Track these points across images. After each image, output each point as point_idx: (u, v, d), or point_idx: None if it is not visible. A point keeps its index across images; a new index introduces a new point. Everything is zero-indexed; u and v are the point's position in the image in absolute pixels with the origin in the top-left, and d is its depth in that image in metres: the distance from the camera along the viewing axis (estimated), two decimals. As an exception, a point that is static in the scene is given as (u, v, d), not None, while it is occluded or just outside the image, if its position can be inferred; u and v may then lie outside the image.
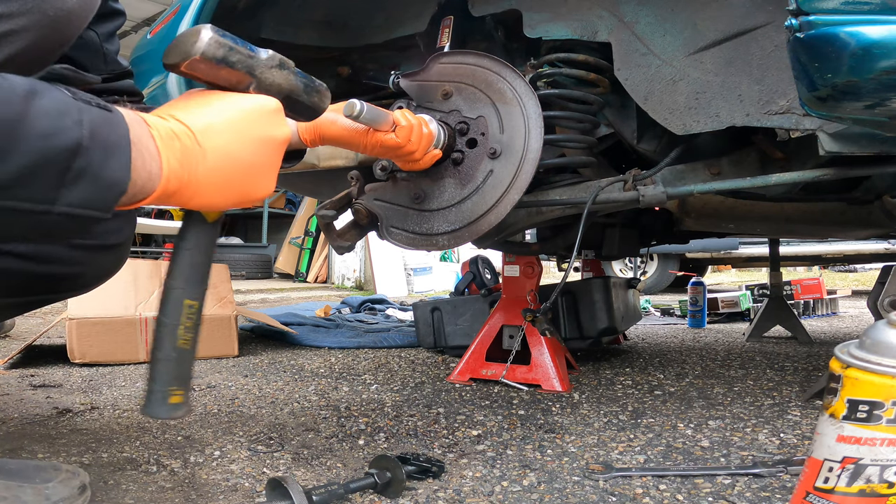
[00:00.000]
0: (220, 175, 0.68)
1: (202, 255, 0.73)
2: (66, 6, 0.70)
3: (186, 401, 0.72)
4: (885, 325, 0.73)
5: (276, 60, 0.74)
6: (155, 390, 0.70)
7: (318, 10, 1.62)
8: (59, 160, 0.55)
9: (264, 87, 0.73)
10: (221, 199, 0.70)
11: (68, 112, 0.57)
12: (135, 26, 7.61)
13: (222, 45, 0.67)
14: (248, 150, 0.70)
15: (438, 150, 1.16)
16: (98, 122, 0.58)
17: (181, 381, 0.71)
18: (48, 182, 0.56)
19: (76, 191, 0.57)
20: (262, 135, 0.72)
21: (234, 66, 0.69)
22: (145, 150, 0.62)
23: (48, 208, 0.57)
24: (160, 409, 0.70)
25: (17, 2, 0.65)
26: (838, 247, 6.32)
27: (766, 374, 2.04)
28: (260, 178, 0.73)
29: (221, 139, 0.68)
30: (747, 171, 1.40)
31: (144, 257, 6.51)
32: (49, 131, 0.55)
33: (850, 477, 0.72)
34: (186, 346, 0.71)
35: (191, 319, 0.71)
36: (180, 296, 0.70)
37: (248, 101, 0.71)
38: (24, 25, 0.66)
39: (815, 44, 0.81)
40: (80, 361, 2.19)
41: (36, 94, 0.56)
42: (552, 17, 1.37)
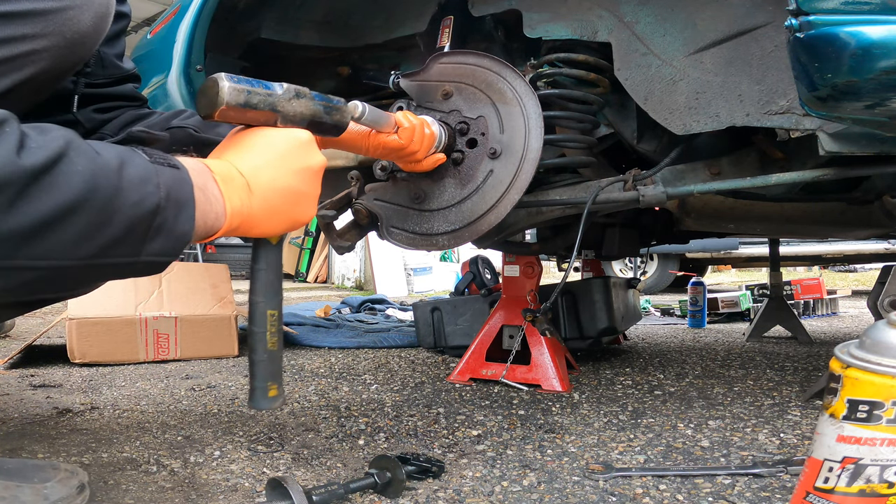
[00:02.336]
0: (272, 205, 0.78)
1: (273, 273, 0.84)
2: (81, 29, 0.74)
3: (281, 392, 0.86)
4: (885, 325, 0.73)
5: (292, 92, 0.81)
6: (256, 387, 0.83)
7: (318, 10, 1.62)
8: (144, 222, 0.65)
9: (289, 119, 0.81)
10: (275, 226, 0.80)
11: (149, 178, 0.65)
12: (135, 26, 7.61)
13: (241, 91, 0.75)
14: (292, 182, 0.79)
15: (442, 154, 1.16)
16: (170, 182, 0.67)
17: (275, 377, 0.84)
18: (136, 240, 0.65)
19: (155, 244, 0.67)
20: (301, 166, 0.80)
21: (258, 107, 0.77)
22: (211, 194, 0.72)
23: (135, 260, 0.67)
24: (263, 402, 0.83)
25: (39, 24, 0.69)
26: (838, 247, 6.32)
27: (766, 374, 2.04)
28: (305, 205, 0.82)
29: (268, 175, 0.77)
30: (747, 171, 1.40)
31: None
32: (137, 200, 0.64)
33: (850, 477, 0.72)
34: (274, 347, 0.84)
35: (274, 326, 0.83)
36: (263, 308, 0.83)
37: (283, 138, 0.80)
38: (45, 46, 0.71)
39: (815, 44, 0.81)
40: (80, 361, 2.19)
41: (125, 164, 0.64)
42: (552, 17, 1.37)
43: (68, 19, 0.71)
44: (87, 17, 0.73)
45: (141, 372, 2.11)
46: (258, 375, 0.83)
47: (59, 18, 0.70)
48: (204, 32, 1.48)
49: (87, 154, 0.62)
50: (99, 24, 0.76)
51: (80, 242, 0.61)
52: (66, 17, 0.71)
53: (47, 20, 0.69)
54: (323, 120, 0.85)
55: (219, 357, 2.40)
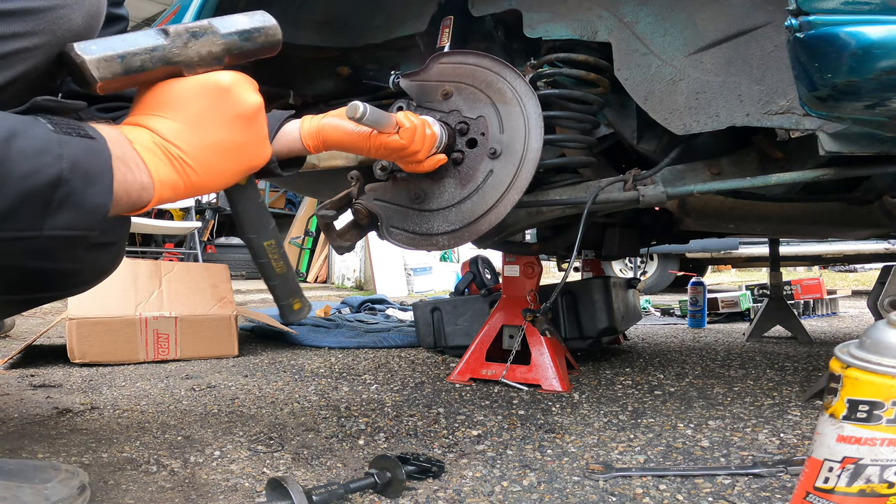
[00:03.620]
0: (210, 164, 0.73)
1: (255, 209, 0.86)
2: (72, 27, 0.73)
3: (305, 303, 0.93)
4: (885, 325, 0.73)
5: (184, 35, 0.71)
6: (282, 305, 0.91)
7: (319, 10, 1.62)
8: (40, 194, 0.61)
9: (196, 64, 0.73)
10: (225, 180, 0.77)
11: (48, 149, 0.62)
12: (135, 26, 7.62)
13: (110, 59, 0.67)
14: (222, 134, 0.74)
15: (443, 155, 1.16)
16: (79, 153, 0.64)
17: (294, 293, 0.91)
18: (32, 213, 0.62)
19: (60, 217, 0.63)
20: (227, 115, 0.74)
21: (145, 68, 0.69)
22: (133, 164, 0.68)
23: (37, 234, 0.63)
24: (292, 315, 0.91)
25: (31, 22, 0.69)
26: (838, 247, 6.32)
27: (766, 374, 2.04)
28: (250, 151, 0.78)
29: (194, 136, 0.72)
30: (747, 171, 1.40)
31: (144, 257, 6.51)
32: (29, 171, 0.60)
33: (850, 477, 0.72)
34: (283, 270, 0.90)
35: (276, 253, 0.88)
36: (259, 241, 0.87)
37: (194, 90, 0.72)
38: (36, 44, 0.70)
39: (815, 44, 0.81)
40: (80, 361, 2.19)
41: (15, 135, 0.60)
42: (552, 17, 1.37)
43: (59, 17, 0.71)
44: (78, 16, 0.73)
45: (141, 372, 2.11)
46: (280, 296, 0.90)
47: (51, 17, 0.70)
48: (204, 32, 1.48)
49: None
50: (90, 22, 0.76)
51: None
52: (58, 16, 0.71)
53: (38, 18, 0.69)
54: (245, 48, 0.76)
55: (219, 357, 2.40)
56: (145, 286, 2.40)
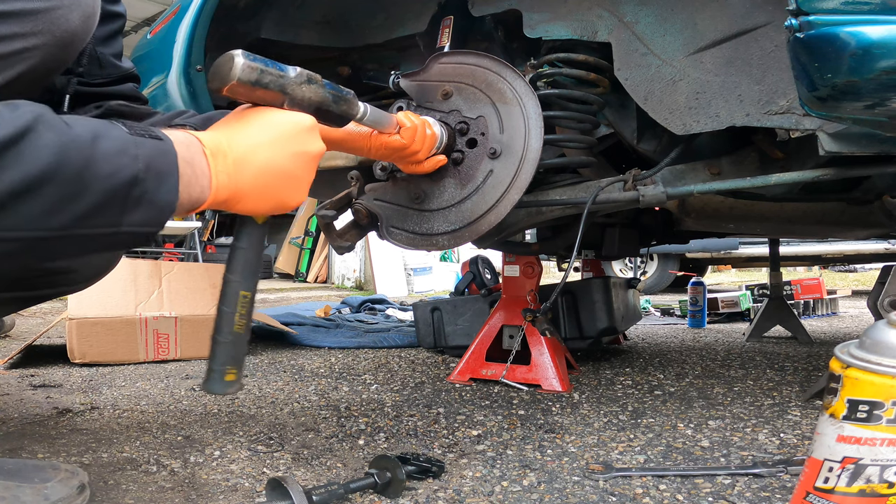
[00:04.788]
0: (262, 184, 0.78)
1: (253, 253, 0.84)
2: (70, 27, 0.75)
3: (239, 379, 0.82)
4: (885, 325, 0.73)
5: (304, 77, 0.82)
6: (214, 369, 0.80)
7: (319, 10, 1.62)
8: (121, 193, 0.66)
9: (297, 102, 0.81)
10: (262, 205, 0.80)
11: (126, 150, 0.67)
12: (135, 26, 7.62)
13: (254, 69, 0.76)
14: (286, 164, 0.80)
15: (443, 156, 1.16)
16: (151, 153, 0.68)
17: (236, 361, 0.82)
18: (113, 211, 0.67)
19: (136, 214, 0.68)
20: (297, 150, 0.81)
21: (268, 86, 0.78)
22: (198, 167, 0.73)
23: (116, 230, 0.68)
24: (217, 385, 0.80)
25: (29, 22, 0.71)
26: (838, 247, 6.31)
27: (766, 374, 2.04)
28: (296, 188, 0.83)
29: (263, 154, 0.78)
30: (747, 171, 1.40)
31: (144, 257, 6.51)
32: (112, 171, 0.65)
33: (850, 477, 0.72)
34: (241, 330, 0.82)
35: (245, 307, 0.82)
36: (237, 288, 0.82)
37: (285, 119, 0.80)
38: (35, 44, 0.72)
39: (815, 44, 0.81)
40: (80, 361, 2.19)
41: (98, 137, 0.65)
42: (552, 17, 1.37)
43: (57, 18, 0.72)
44: (76, 16, 0.75)
45: (141, 372, 2.11)
46: (218, 357, 0.80)
47: (49, 17, 0.72)
48: (204, 32, 1.48)
49: (56, 127, 0.63)
50: (86, 22, 0.77)
51: (52, 213, 0.63)
52: (55, 16, 0.72)
53: (36, 19, 0.71)
54: (330, 108, 0.86)
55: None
56: (145, 286, 2.40)
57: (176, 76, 1.53)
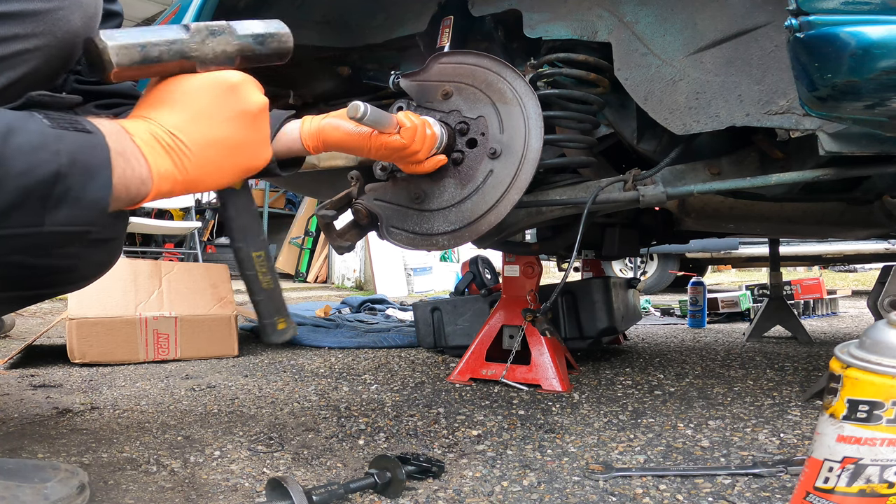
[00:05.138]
0: (211, 160, 0.73)
1: (247, 216, 0.83)
2: (72, 28, 0.74)
3: (290, 324, 0.86)
4: (885, 325, 0.73)
5: (203, 32, 0.74)
6: (265, 324, 0.85)
7: (319, 10, 1.62)
8: (38, 191, 0.61)
9: (209, 61, 0.74)
10: (223, 179, 0.76)
11: (44, 145, 0.62)
12: (134, 26, 7.60)
13: (131, 47, 0.69)
14: (226, 131, 0.74)
15: (443, 156, 1.16)
16: (76, 147, 0.63)
17: (279, 311, 0.85)
18: (32, 210, 0.62)
19: (60, 213, 0.63)
20: (232, 112, 0.75)
21: (161, 59, 0.71)
22: (132, 158, 0.68)
23: (37, 230, 0.63)
24: (275, 335, 0.85)
25: (31, 24, 0.69)
26: (838, 247, 6.32)
27: (766, 374, 2.04)
28: (251, 151, 0.77)
29: (196, 130, 0.72)
30: (747, 171, 1.40)
31: (144, 257, 6.51)
32: (25, 168, 0.60)
33: (850, 477, 0.72)
34: (270, 285, 0.84)
35: (264, 266, 0.83)
36: (247, 251, 0.83)
37: (203, 85, 0.74)
38: (37, 45, 0.71)
39: (815, 44, 0.81)
40: (80, 361, 2.19)
41: (11, 132, 0.60)
42: (552, 17, 1.37)
43: (59, 19, 0.72)
44: (77, 17, 0.74)
45: (141, 372, 2.11)
46: (263, 313, 0.84)
47: (50, 18, 0.71)
48: (204, 32, 1.48)
49: None
50: (88, 23, 0.77)
51: None
52: (57, 17, 0.72)
53: (38, 20, 0.70)
54: (257, 51, 0.78)
55: (219, 357, 2.40)
56: (145, 286, 2.40)
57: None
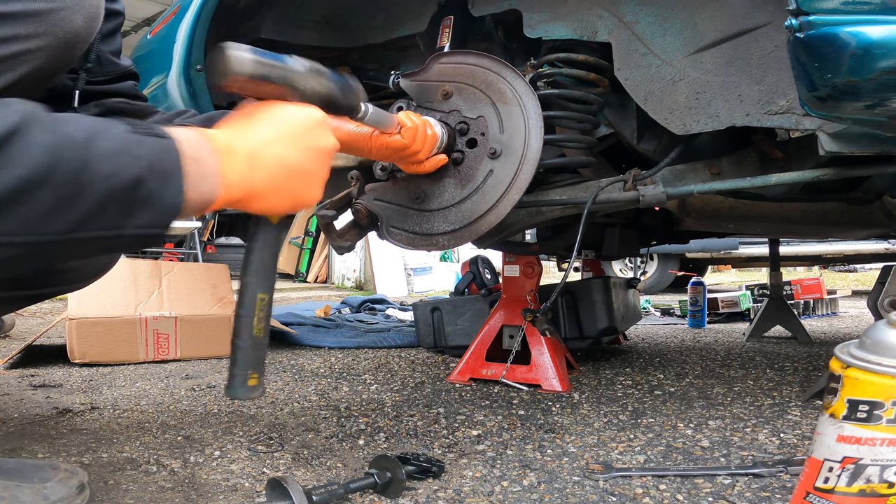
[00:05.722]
0: (276, 182, 0.76)
1: (269, 254, 0.81)
2: (74, 28, 0.74)
3: (261, 383, 0.81)
4: (885, 325, 0.73)
5: (310, 68, 0.80)
6: (236, 374, 0.79)
7: (318, 10, 1.62)
8: (123, 194, 0.63)
9: (304, 96, 0.79)
10: (277, 203, 0.78)
11: (127, 149, 0.64)
12: (135, 26, 7.61)
13: (256, 62, 0.73)
14: (300, 159, 0.77)
15: (444, 156, 1.16)
16: (154, 152, 0.66)
17: (257, 365, 0.80)
18: (116, 213, 0.64)
19: (141, 217, 0.65)
20: (310, 144, 0.78)
21: (274, 81, 0.75)
22: (206, 165, 0.70)
23: (119, 233, 0.65)
24: (241, 391, 0.79)
25: (32, 24, 0.70)
26: (838, 247, 6.32)
27: (766, 374, 2.04)
28: (311, 184, 0.80)
29: (275, 150, 0.75)
30: (747, 171, 1.40)
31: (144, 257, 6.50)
32: (111, 172, 0.62)
33: (850, 477, 0.72)
34: (260, 334, 0.80)
35: (262, 311, 0.80)
36: (254, 290, 0.80)
37: (295, 114, 0.78)
38: (38, 45, 0.71)
39: (815, 44, 0.81)
40: (80, 361, 2.19)
41: (95, 137, 0.62)
42: (552, 17, 1.37)
43: (61, 19, 0.72)
44: (79, 17, 0.74)
45: (141, 372, 2.11)
46: (239, 362, 0.79)
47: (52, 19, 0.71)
48: (204, 32, 1.48)
49: (48, 127, 0.61)
50: (90, 23, 0.77)
51: (50, 216, 0.60)
52: (59, 18, 0.72)
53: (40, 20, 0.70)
54: (338, 100, 0.83)
55: (219, 357, 2.40)
56: (145, 286, 2.40)
57: (176, 76, 1.53)
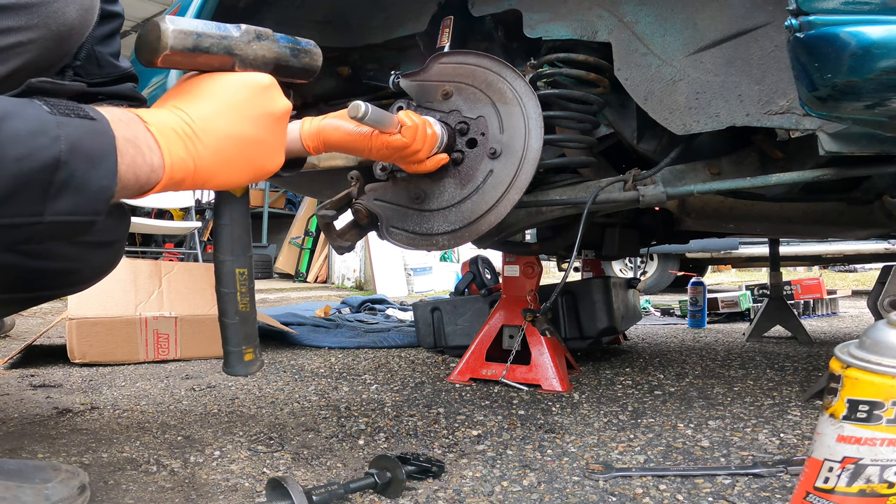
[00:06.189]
0: (227, 156, 0.72)
1: (239, 228, 0.79)
2: (67, 21, 0.73)
3: (258, 356, 0.79)
4: (885, 325, 0.73)
5: (251, 34, 0.76)
6: (230, 351, 0.78)
7: (319, 10, 1.62)
8: (38, 178, 0.59)
9: (248, 62, 0.76)
10: (235, 177, 0.75)
11: (44, 130, 0.59)
12: (135, 26, 7.61)
13: (188, 33, 0.70)
14: (249, 128, 0.74)
15: (444, 154, 1.16)
16: (78, 133, 0.61)
17: (249, 340, 0.79)
18: (31, 198, 0.59)
19: (62, 202, 0.61)
20: (259, 111, 0.75)
21: (210, 50, 0.72)
22: (144, 145, 0.66)
23: (38, 220, 0.60)
24: (239, 367, 0.78)
25: (25, 16, 0.69)
26: (838, 247, 6.32)
27: (766, 374, 2.04)
28: (267, 153, 0.77)
29: (220, 122, 0.72)
30: (747, 171, 1.40)
31: (144, 257, 6.51)
32: (23, 154, 0.58)
33: (850, 477, 0.72)
34: (246, 308, 0.78)
35: (244, 286, 0.78)
36: (231, 266, 0.78)
37: (239, 82, 0.75)
38: (31, 38, 0.70)
39: (815, 44, 0.81)
40: (80, 361, 2.19)
41: (7, 117, 0.58)
42: (552, 17, 1.37)
43: (54, 12, 0.71)
44: (73, 10, 0.73)
45: (141, 372, 2.11)
46: (231, 339, 0.77)
47: (45, 11, 0.70)
48: (204, 32, 1.48)
49: None
50: (84, 16, 0.76)
51: None
52: (52, 10, 0.71)
53: (32, 13, 0.69)
54: (290, 63, 0.79)
55: (219, 357, 2.39)
56: (145, 286, 2.40)
57: (176, 76, 1.53)
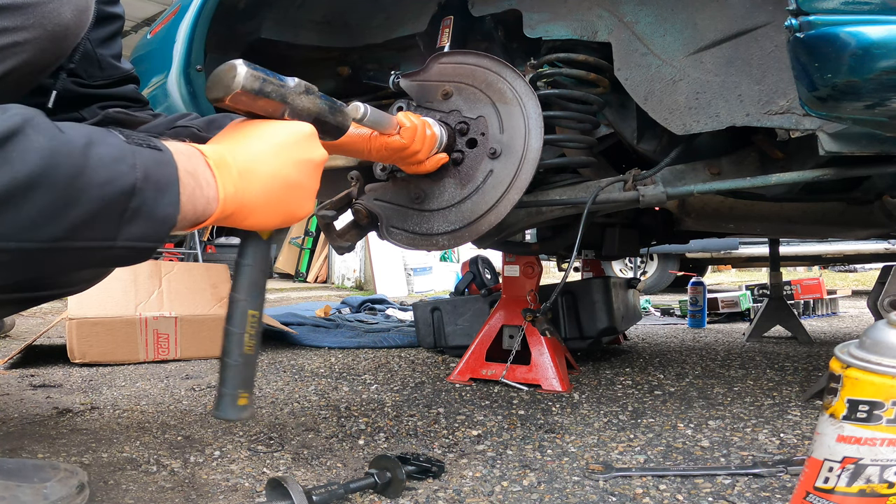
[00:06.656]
0: (269, 196, 0.76)
1: (259, 270, 0.81)
2: (63, 21, 0.74)
3: (251, 402, 0.78)
4: (885, 325, 0.73)
5: (302, 87, 0.81)
6: (225, 394, 0.76)
7: (319, 10, 1.62)
8: (117, 203, 0.62)
9: (296, 112, 0.80)
10: (271, 218, 0.78)
11: (123, 158, 0.63)
12: (135, 26, 7.61)
13: (257, 77, 0.74)
14: (291, 173, 0.78)
15: (444, 154, 1.16)
16: (150, 163, 0.65)
17: (247, 384, 0.78)
18: (109, 223, 0.62)
19: (134, 227, 0.64)
20: (301, 158, 0.79)
21: (269, 95, 0.76)
22: (202, 178, 0.70)
23: (111, 244, 0.63)
24: (230, 411, 0.76)
25: (20, 16, 0.69)
26: (838, 247, 6.31)
27: (766, 374, 2.04)
28: (303, 198, 0.81)
29: (268, 164, 0.75)
30: (747, 171, 1.40)
31: (144, 257, 6.47)
32: (107, 179, 0.61)
33: (850, 477, 0.72)
34: (251, 351, 0.78)
35: (253, 328, 0.78)
36: (244, 307, 0.78)
37: (287, 129, 0.79)
38: (26, 38, 0.70)
39: (815, 44, 0.81)
40: (80, 361, 2.19)
41: (93, 144, 0.61)
42: (552, 17, 1.37)
43: (49, 12, 0.72)
44: (68, 10, 0.74)
45: (141, 372, 2.11)
46: (229, 381, 0.76)
47: (40, 11, 0.71)
48: (204, 32, 1.48)
49: (47, 132, 0.59)
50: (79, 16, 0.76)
51: (42, 223, 0.58)
52: (47, 10, 0.71)
53: (27, 13, 0.70)
54: (327, 119, 0.85)
55: (219, 357, 2.40)
56: (145, 286, 2.40)
57: (176, 76, 1.53)
